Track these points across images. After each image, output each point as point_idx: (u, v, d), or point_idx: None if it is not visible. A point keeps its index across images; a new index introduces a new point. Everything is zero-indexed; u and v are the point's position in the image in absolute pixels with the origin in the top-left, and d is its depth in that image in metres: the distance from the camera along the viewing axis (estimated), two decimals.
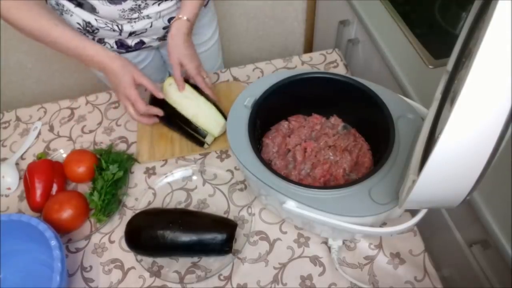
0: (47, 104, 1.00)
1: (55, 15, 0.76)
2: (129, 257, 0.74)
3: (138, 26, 0.86)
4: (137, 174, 0.85)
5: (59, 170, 0.82)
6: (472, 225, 0.74)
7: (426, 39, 0.93)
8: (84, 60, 0.78)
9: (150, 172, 0.85)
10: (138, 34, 0.89)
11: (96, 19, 0.82)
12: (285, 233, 0.75)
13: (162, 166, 0.86)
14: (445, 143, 0.37)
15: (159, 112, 0.82)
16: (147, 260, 0.73)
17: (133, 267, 0.73)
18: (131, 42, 0.92)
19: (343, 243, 0.72)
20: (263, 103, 0.71)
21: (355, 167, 0.72)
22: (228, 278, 0.70)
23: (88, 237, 0.77)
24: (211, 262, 0.72)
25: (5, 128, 0.97)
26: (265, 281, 0.70)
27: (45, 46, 0.77)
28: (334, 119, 0.79)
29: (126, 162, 0.83)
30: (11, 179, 0.85)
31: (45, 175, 0.79)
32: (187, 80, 0.87)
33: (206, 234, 0.69)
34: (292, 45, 1.80)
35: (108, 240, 0.77)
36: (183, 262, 0.72)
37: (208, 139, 0.85)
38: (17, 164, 0.89)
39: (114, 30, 0.85)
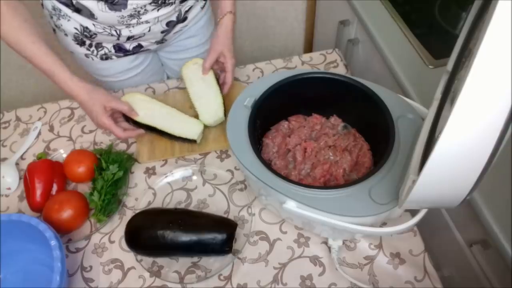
0: (47, 104, 1.00)
1: (37, 31, 0.74)
2: (129, 257, 0.74)
3: (136, 30, 0.86)
4: (137, 174, 0.85)
5: (59, 170, 0.82)
6: (472, 225, 0.74)
7: (426, 39, 0.93)
8: (56, 84, 0.78)
9: (150, 172, 0.85)
10: (136, 38, 0.89)
11: (94, 24, 0.82)
12: (285, 233, 0.75)
13: (162, 166, 0.86)
14: (445, 143, 0.37)
15: (140, 131, 0.85)
16: (147, 260, 0.73)
17: (133, 267, 0.73)
18: (129, 46, 0.92)
19: (343, 243, 0.72)
20: (263, 103, 0.71)
21: (355, 167, 0.72)
22: (228, 278, 0.70)
23: (88, 237, 0.77)
24: (211, 262, 0.72)
25: (5, 128, 0.97)
26: (265, 281, 0.70)
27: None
28: (334, 119, 0.79)
29: (126, 162, 0.83)
30: (11, 179, 0.85)
31: (45, 175, 0.79)
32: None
33: (206, 234, 0.69)
34: (292, 45, 1.80)
35: (108, 240, 0.77)
36: (183, 262, 0.72)
37: (196, 137, 0.84)
38: (17, 164, 0.89)
39: (112, 35, 0.85)
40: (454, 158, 0.38)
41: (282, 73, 0.75)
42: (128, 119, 0.85)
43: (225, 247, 0.69)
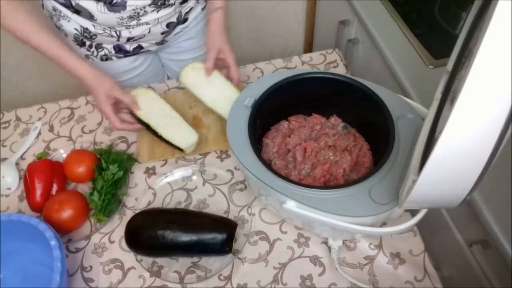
0: (47, 104, 1.00)
1: (40, 21, 0.75)
2: (129, 257, 0.74)
3: (136, 32, 0.86)
4: (137, 174, 0.85)
5: (59, 170, 0.82)
6: (472, 225, 0.74)
7: (426, 39, 0.93)
8: (64, 69, 0.78)
9: (150, 172, 0.85)
10: (136, 40, 0.89)
11: (94, 25, 0.82)
12: (285, 233, 0.75)
13: (162, 166, 0.86)
14: (445, 143, 0.37)
15: (136, 126, 0.84)
16: (147, 260, 0.73)
17: (133, 267, 0.73)
18: (129, 47, 0.92)
19: (343, 243, 0.72)
20: (263, 103, 0.71)
21: (355, 167, 0.72)
22: (228, 278, 0.70)
23: (88, 237, 0.77)
24: (211, 262, 0.72)
25: (5, 128, 0.97)
26: (265, 281, 0.70)
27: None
28: (334, 119, 0.79)
29: (126, 162, 0.83)
30: (11, 179, 0.85)
31: (45, 175, 0.79)
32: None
33: (206, 234, 0.69)
34: (292, 45, 1.80)
35: (108, 240, 0.77)
36: (183, 262, 0.72)
37: (184, 146, 0.83)
38: (17, 164, 0.89)
39: (112, 36, 0.85)
40: (454, 158, 0.38)
41: (282, 73, 0.75)
42: (131, 112, 0.85)
43: (225, 247, 0.69)
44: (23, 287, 0.71)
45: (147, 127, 0.84)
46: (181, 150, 0.84)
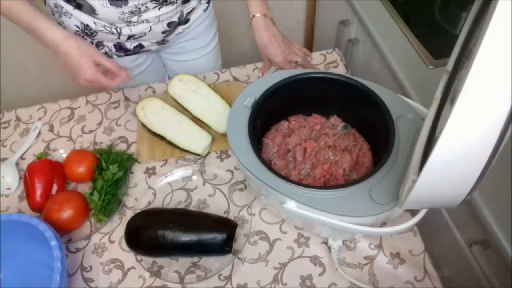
0: (47, 104, 1.00)
1: None
2: (129, 257, 0.74)
3: (137, 29, 0.86)
4: (137, 174, 0.85)
5: (59, 170, 0.82)
6: (472, 225, 0.74)
7: (426, 39, 0.93)
8: (36, 37, 0.72)
9: (150, 172, 0.85)
10: (137, 38, 0.89)
11: (94, 22, 0.82)
12: (285, 233, 0.75)
13: (162, 166, 0.86)
14: (445, 143, 0.37)
15: (128, 74, 0.80)
16: (147, 260, 0.73)
17: (133, 267, 0.73)
18: (130, 45, 0.92)
19: (343, 243, 0.72)
20: (263, 103, 0.71)
21: (355, 167, 0.72)
22: (228, 278, 0.70)
23: (88, 237, 0.77)
24: (211, 262, 0.72)
25: (5, 128, 0.97)
26: (265, 281, 0.70)
27: (45, 47, 0.77)
28: (334, 119, 0.79)
29: (126, 162, 0.83)
30: (11, 179, 0.85)
31: (45, 175, 0.79)
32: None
33: (206, 234, 0.69)
34: None
35: (108, 240, 0.77)
36: (183, 262, 0.72)
37: (200, 151, 0.84)
38: (17, 164, 0.89)
39: (112, 33, 0.85)
40: (454, 158, 0.38)
41: (282, 73, 0.75)
42: (147, 129, 0.87)
43: (225, 247, 0.69)
44: (23, 287, 0.71)
45: (160, 136, 0.86)
46: (198, 154, 0.85)
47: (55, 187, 0.80)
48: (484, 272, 0.72)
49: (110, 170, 0.79)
